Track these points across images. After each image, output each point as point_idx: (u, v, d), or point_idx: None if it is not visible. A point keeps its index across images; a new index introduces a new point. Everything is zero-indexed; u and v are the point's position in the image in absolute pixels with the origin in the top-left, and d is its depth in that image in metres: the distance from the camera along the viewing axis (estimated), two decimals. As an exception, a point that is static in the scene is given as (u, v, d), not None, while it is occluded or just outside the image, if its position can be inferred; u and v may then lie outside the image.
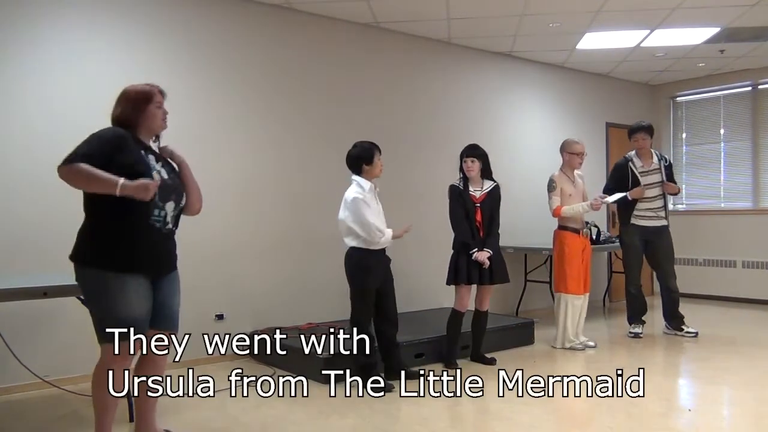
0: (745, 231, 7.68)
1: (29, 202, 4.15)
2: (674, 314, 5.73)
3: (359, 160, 4.12)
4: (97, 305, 2.72)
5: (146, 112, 2.81)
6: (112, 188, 2.54)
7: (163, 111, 2.87)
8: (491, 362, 4.69)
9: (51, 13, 4.25)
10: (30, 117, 4.17)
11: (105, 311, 2.69)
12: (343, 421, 3.48)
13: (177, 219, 2.91)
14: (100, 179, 2.55)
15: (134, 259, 2.70)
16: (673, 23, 5.85)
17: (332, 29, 5.60)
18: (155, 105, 2.83)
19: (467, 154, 4.56)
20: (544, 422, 3.44)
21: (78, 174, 2.56)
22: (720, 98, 8.07)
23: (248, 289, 5.07)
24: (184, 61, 4.79)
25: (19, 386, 4.06)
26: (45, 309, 4.13)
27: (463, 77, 6.59)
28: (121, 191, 2.54)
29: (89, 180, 2.56)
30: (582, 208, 5.09)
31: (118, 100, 2.83)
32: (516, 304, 6.85)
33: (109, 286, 2.66)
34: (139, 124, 2.80)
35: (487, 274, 4.49)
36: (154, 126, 2.85)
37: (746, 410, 3.67)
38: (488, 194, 4.54)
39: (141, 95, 2.81)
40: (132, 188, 2.55)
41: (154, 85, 2.88)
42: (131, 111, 2.79)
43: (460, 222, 4.48)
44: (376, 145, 4.20)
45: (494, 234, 4.57)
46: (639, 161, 5.66)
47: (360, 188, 4.07)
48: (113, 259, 2.66)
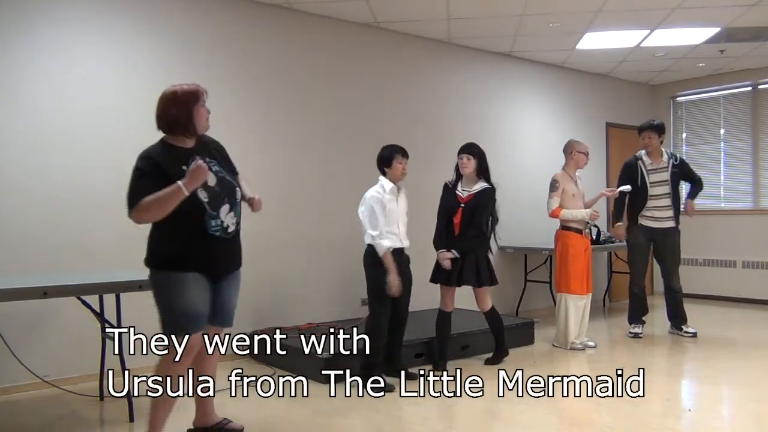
0: (745, 231, 7.68)
1: (29, 202, 4.15)
2: (676, 314, 5.73)
3: (379, 162, 4.23)
4: (162, 304, 2.84)
5: (195, 111, 2.84)
6: (180, 195, 2.67)
7: (207, 110, 2.91)
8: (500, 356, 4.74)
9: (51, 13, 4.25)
10: (31, 116, 4.16)
11: (169, 305, 2.81)
12: (343, 421, 3.48)
13: (238, 217, 2.99)
14: (166, 197, 2.66)
15: (197, 265, 2.83)
16: (673, 23, 5.85)
17: (332, 29, 5.60)
18: (201, 104, 2.87)
19: (463, 150, 4.56)
20: (544, 422, 3.44)
21: (147, 210, 2.67)
22: (720, 98, 8.07)
23: (249, 289, 5.05)
24: (184, 61, 4.79)
25: (19, 386, 4.06)
26: (45, 309, 4.13)
27: (463, 77, 6.59)
28: (188, 190, 2.67)
29: (160, 205, 2.67)
30: (581, 215, 5.09)
31: (166, 101, 2.83)
32: (516, 304, 6.85)
33: (171, 282, 2.79)
34: (191, 124, 2.84)
35: (455, 275, 4.45)
36: (201, 125, 2.88)
37: (746, 410, 3.67)
38: (474, 195, 4.47)
39: (190, 95, 2.84)
40: (191, 182, 2.67)
41: (194, 83, 2.91)
42: (182, 111, 2.81)
43: (437, 220, 4.51)
44: (398, 148, 4.21)
45: (467, 237, 4.44)
46: (648, 159, 5.65)
47: (380, 188, 4.14)
48: (177, 263, 2.80)
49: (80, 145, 4.34)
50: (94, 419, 3.63)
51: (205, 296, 2.89)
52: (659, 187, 5.59)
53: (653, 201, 5.60)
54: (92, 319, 3.77)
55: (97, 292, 3.46)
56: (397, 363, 4.27)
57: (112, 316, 3.58)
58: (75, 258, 4.27)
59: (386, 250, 4.03)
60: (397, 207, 4.17)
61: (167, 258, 2.82)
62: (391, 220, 4.11)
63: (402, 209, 4.23)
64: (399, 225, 4.17)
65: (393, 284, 4.02)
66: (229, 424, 3.26)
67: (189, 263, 2.82)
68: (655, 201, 5.60)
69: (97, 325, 3.85)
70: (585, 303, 5.18)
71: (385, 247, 4.03)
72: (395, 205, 4.16)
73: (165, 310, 2.83)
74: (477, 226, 4.44)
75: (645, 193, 5.59)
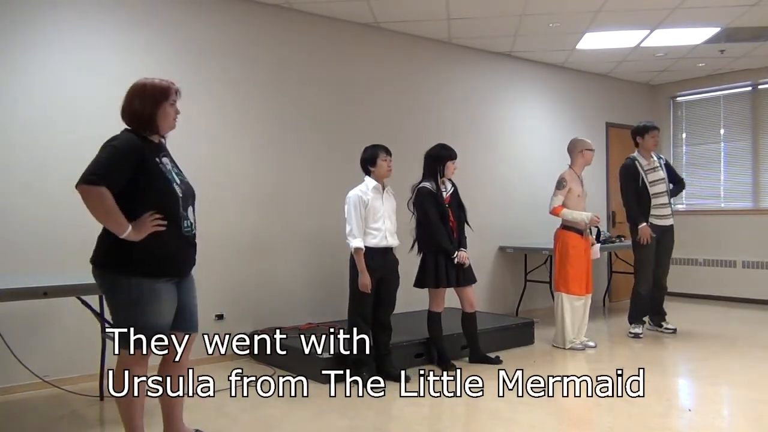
0: (745, 231, 7.68)
1: (29, 202, 4.15)
2: (658, 310, 5.83)
3: (364, 163, 4.26)
4: (125, 312, 2.61)
5: (161, 110, 2.67)
6: (118, 233, 2.52)
7: (175, 110, 2.75)
8: (496, 361, 4.69)
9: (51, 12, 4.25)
10: (31, 116, 4.17)
11: (135, 318, 2.59)
12: (343, 421, 3.47)
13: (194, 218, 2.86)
14: (111, 220, 2.51)
15: (170, 267, 2.68)
16: (673, 23, 5.85)
17: (332, 29, 5.60)
18: (170, 103, 2.71)
19: (455, 156, 4.55)
20: (544, 422, 3.44)
21: (99, 203, 2.48)
22: (720, 98, 8.07)
23: (248, 289, 5.07)
24: (183, 60, 4.79)
25: (19, 386, 4.06)
26: (45, 309, 4.13)
27: (463, 77, 6.59)
28: (128, 237, 2.52)
29: (107, 214, 2.51)
30: (582, 218, 5.08)
31: (133, 93, 2.67)
32: (516, 304, 6.85)
33: (144, 294, 2.59)
34: (152, 122, 2.67)
35: (462, 275, 4.52)
36: (165, 125, 2.72)
37: (746, 410, 3.66)
38: (452, 196, 4.55)
39: (158, 91, 2.68)
40: (138, 234, 2.54)
41: (169, 81, 2.75)
42: (147, 107, 2.64)
43: (438, 225, 4.43)
44: (380, 146, 4.26)
45: (464, 234, 4.61)
46: (644, 160, 5.66)
47: (364, 186, 4.18)
48: (151, 268, 2.60)
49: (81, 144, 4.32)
50: (94, 419, 3.63)
51: (173, 304, 2.72)
52: (658, 186, 5.63)
53: (656, 199, 5.63)
54: (92, 319, 3.77)
55: (97, 292, 3.45)
56: (389, 367, 4.24)
57: (112, 316, 3.57)
58: (75, 258, 4.26)
59: (357, 249, 4.06)
60: (383, 205, 4.18)
61: (142, 262, 2.58)
62: (375, 218, 4.12)
63: (389, 207, 4.23)
64: (384, 222, 4.16)
65: (361, 283, 4.05)
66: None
67: (164, 267, 2.65)
68: (657, 199, 5.63)
69: (97, 325, 3.86)
70: (585, 303, 5.18)
71: (354, 246, 4.07)
72: (380, 203, 4.17)
73: (129, 320, 2.59)
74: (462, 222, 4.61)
75: (647, 194, 5.61)
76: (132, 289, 2.58)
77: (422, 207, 4.45)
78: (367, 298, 4.11)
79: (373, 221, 4.12)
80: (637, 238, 5.64)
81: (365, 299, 4.11)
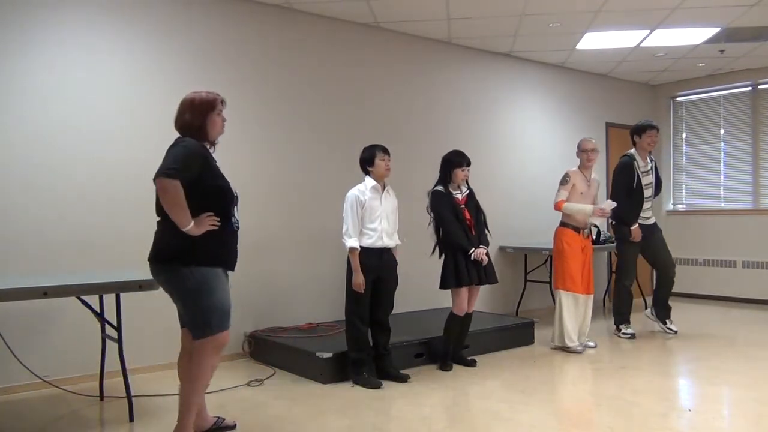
0: (745, 231, 7.68)
1: (29, 202, 4.15)
2: (666, 305, 5.83)
3: (362, 163, 4.26)
4: (196, 297, 2.85)
5: (210, 119, 2.97)
6: (181, 225, 2.76)
7: (222, 118, 3.04)
8: (471, 364, 4.65)
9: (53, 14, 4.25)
10: (30, 117, 4.17)
11: (209, 300, 2.85)
12: (343, 421, 3.48)
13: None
14: (181, 212, 2.75)
15: (226, 258, 2.98)
16: (673, 23, 5.86)
17: (332, 29, 5.60)
18: (217, 113, 3.00)
19: (467, 163, 4.54)
20: (544, 422, 3.44)
21: (174, 195, 2.72)
22: (720, 98, 8.07)
23: (248, 289, 5.07)
24: (183, 61, 4.79)
25: (19, 386, 4.06)
26: (45, 309, 4.13)
27: (463, 77, 6.59)
28: (190, 231, 2.78)
29: (176, 206, 2.74)
30: (584, 210, 5.07)
31: (184, 107, 2.97)
32: (516, 304, 6.85)
33: (207, 276, 2.86)
34: (203, 130, 2.95)
35: (483, 273, 4.51)
36: (215, 133, 3.02)
37: (746, 410, 3.66)
38: (468, 197, 4.56)
39: (206, 103, 2.97)
40: (197, 229, 2.80)
41: (215, 92, 3.04)
42: (197, 118, 2.94)
43: (453, 225, 4.43)
44: (378, 146, 4.25)
45: (484, 232, 4.60)
46: (640, 161, 5.65)
47: (363, 186, 4.19)
48: (210, 258, 2.88)
49: (81, 144, 4.34)
50: (94, 419, 3.63)
51: (229, 292, 3.00)
52: (646, 190, 5.67)
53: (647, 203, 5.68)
54: (92, 319, 3.77)
55: (97, 292, 3.45)
56: (388, 367, 4.24)
57: (112, 316, 3.58)
58: (75, 257, 4.27)
59: (352, 249, 4.07)
60: (381, 205, 4.17)
61: (202, 252, 2.85)
62: (372, 218, 4.12)
63: (388, 207, 4.22)
64: (382, 222, 4.15)
65: (355, 283, 4.06)
66: (223, 422, 3.29)
67: (222, 258, 2.94)
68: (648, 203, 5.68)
69: (97, 325, 3.86)
70: (587, 304, 5.16)
71: (348, 245, 4.07)
72: (378, 203, 4.16)
73: (201, 308, 2.86)
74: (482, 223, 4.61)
75: (641, 195, 5.62)
76: (195, 274, 2.84)
77: (435, 208, 4.48)
78: (362, 297, 4.10)
79: (369, 221, 4.11)
80: (623, 236, 5.67)
81: (361, 299, 4.11)
